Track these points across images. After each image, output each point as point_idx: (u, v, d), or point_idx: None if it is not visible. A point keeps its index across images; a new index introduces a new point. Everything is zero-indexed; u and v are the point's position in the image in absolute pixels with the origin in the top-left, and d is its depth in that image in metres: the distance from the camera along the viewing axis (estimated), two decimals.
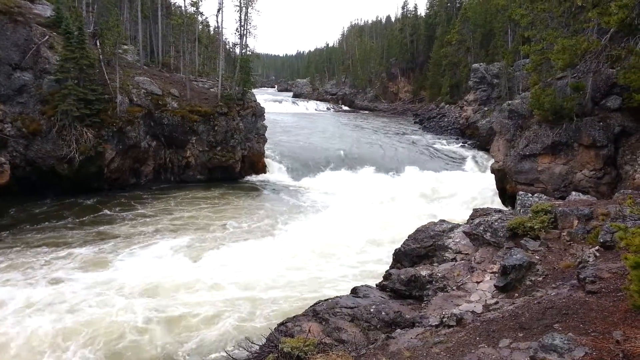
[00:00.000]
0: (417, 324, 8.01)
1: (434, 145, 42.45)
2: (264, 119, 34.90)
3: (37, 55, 25.48)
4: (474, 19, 57.26)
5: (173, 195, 26.74)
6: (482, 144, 40.87)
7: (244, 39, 36.08)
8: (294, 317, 9.42)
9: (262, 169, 33.41)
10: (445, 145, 43.26)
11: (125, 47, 34.32)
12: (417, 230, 12.49)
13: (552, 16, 20.90)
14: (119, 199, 25.46)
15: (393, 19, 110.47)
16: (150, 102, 28.88)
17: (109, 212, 23.17)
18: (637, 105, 17.58)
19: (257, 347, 8.97)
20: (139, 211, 23.55)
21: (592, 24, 17.37)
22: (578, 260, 8.38)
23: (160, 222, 21.84)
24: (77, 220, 21.84)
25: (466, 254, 10.84)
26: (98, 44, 29.42)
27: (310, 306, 9.73)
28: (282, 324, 9.14)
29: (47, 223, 21.23)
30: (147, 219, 22.19)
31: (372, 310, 8.94)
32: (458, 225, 12.21)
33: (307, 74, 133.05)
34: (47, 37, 26.29)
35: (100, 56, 28.41)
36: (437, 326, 7.45)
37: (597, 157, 19.95)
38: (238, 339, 11.56)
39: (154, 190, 27.83)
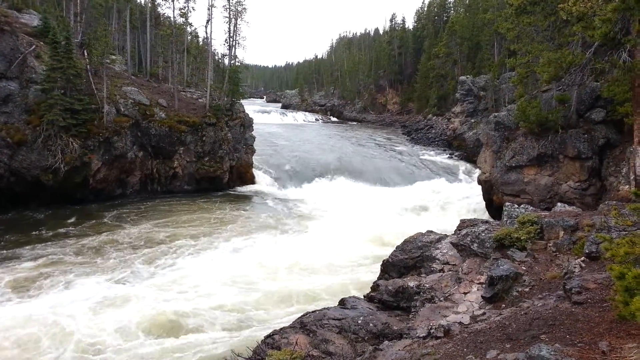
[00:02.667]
0: (404, 336, 7.98)
1: (422, 157, 42.69)
2: (253, 130, 34.94)
3: (23, 65, 25.26)
4: (461, 32, 58.08)
5: (143, 207, 25.99)
6: (469, 155, 41.24)
7: (233, 49, 36.23)
8: (282, 329, 9.31)
9: (250, 179, 33.30)
10: (432, 156, 43.55)
11: (113, 57, 34.18)
12: (405, 241, 12.50)
13: (537, 30, 21.21)
14: (79, 212, 24.30)
15: (381, 32, 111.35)
16: (138, 112, 28.70)
17: (36, 233, 21.05)
18: (621, 117, 17.82)
19: None
20: (77, 228, 21.72)
21: (577, 38, 17.64)
22: (564, 271, 8.42)
23: (82, 241, 19.88)
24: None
25: (453, 264, 10.86)
26: (85, 53, 29.24)
27: (298, 317, 9.64)
28: (269, 336, 9.03)
29: None
30: (70, 240, 20.17)
31: (359, 321, 8.89)
32: (445, 236, 12.25)
33: (296, 85, 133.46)
34: (33, 46, 26.10)
35: (88, 66, 28.23)
36: (424, 337, 7.42)
37: (582, 169, 20.17)
38: None
39: (136, 202, 27.37)
